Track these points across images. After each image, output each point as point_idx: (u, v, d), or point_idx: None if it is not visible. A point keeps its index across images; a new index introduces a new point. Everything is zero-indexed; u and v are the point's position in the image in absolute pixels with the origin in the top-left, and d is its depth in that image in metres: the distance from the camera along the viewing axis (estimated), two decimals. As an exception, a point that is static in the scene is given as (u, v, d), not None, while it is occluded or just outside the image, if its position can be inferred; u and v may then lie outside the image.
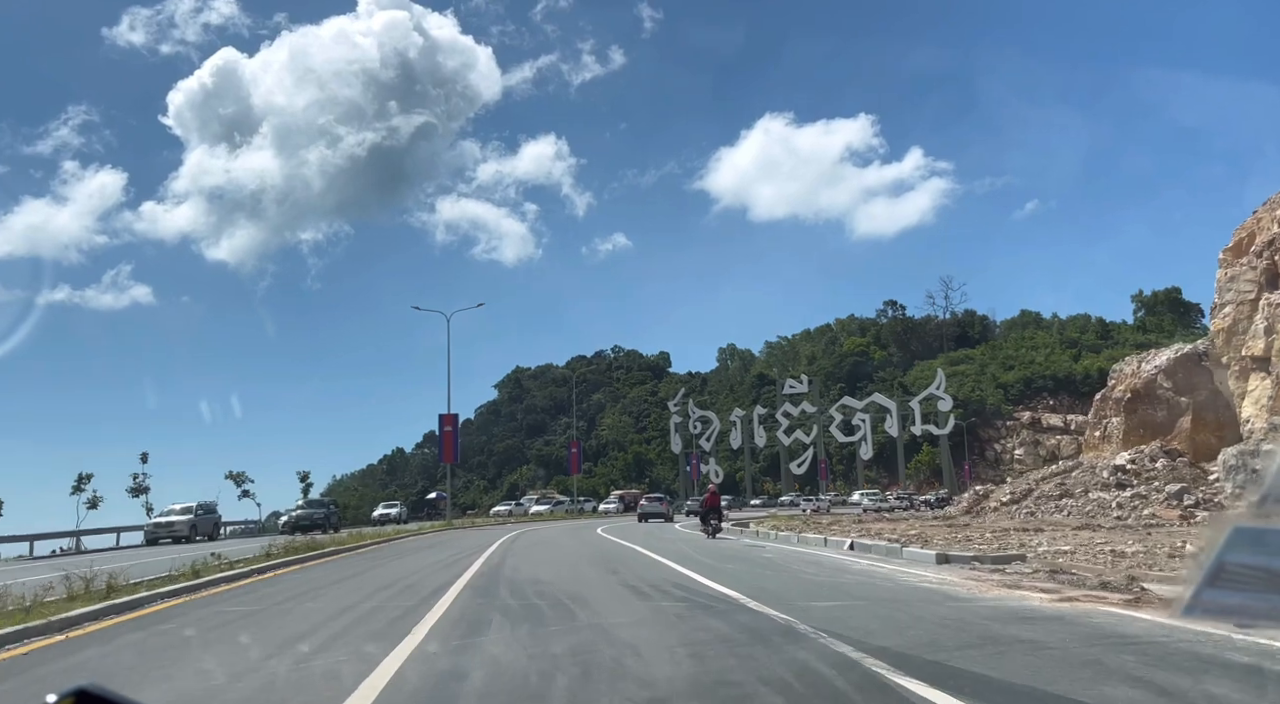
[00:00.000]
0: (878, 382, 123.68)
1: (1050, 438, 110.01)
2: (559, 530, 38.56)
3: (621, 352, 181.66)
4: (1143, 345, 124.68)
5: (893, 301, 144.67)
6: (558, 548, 23.81)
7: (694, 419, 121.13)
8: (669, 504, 61.31)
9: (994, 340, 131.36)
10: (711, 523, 30.93)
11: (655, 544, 23.71)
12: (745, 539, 28.53)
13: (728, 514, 61.39)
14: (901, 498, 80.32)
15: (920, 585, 11.89)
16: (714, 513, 31.39)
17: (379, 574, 16.39)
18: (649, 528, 40.59)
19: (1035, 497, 42.07)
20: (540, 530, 39.64)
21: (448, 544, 27.36)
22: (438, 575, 15.57)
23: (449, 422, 53.87)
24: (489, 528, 43.47)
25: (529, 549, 23.18)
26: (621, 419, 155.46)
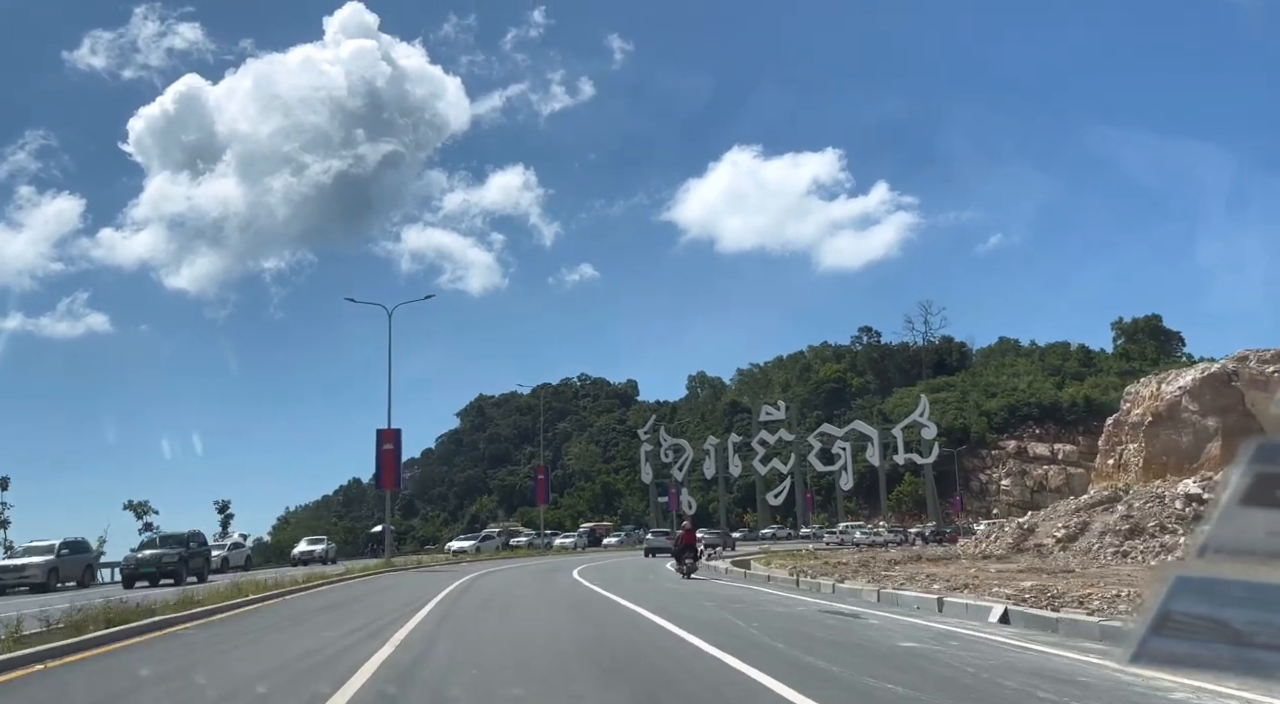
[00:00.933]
0: (856, 409, 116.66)
1: (1037, 467, 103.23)
2: (527, 574, 30.48)
3: (588, 379, 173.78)
4: (1127, 373, 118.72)
5: (868, 328, 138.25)
6: (524, 611, 15.79)
7: (665, 447, 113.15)
8: (724, 537, 55.23)
9: (973, 367, 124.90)
10: (686, 562, 27.39)
11: (670, 606, 15.70)
12: (792, 593, 20.60)
13: (735, 548, 53.49)
14: (895, 531, 72.74)
15: None
16: (689, 551, 27.87)
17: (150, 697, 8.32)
18: (648, 567, 32.52)
19: (1098, 532, 34.53)
20: (501, 573, 31.55)
21: (368, 599, 19.29)
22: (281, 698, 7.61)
23: (389, 438, 42.09)
24: (437, 570, 35.21)
25: (481, 614, 15.16)
26: (589, 448, 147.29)
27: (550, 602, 17.89)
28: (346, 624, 13.36)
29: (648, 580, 25.22)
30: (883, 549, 56.31)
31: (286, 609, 16.98)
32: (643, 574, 28.67)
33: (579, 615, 14.71)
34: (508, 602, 18.16)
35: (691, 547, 28.22)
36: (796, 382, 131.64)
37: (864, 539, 65.66)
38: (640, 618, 13.64)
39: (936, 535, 71.06)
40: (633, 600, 16.82)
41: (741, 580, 28.02)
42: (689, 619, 12.93)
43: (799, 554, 42.44)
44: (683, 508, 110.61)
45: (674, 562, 28.90)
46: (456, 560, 43.28)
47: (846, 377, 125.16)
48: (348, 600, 19.19)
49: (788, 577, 25.86)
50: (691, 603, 16.77)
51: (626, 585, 22.59)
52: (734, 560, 40.50)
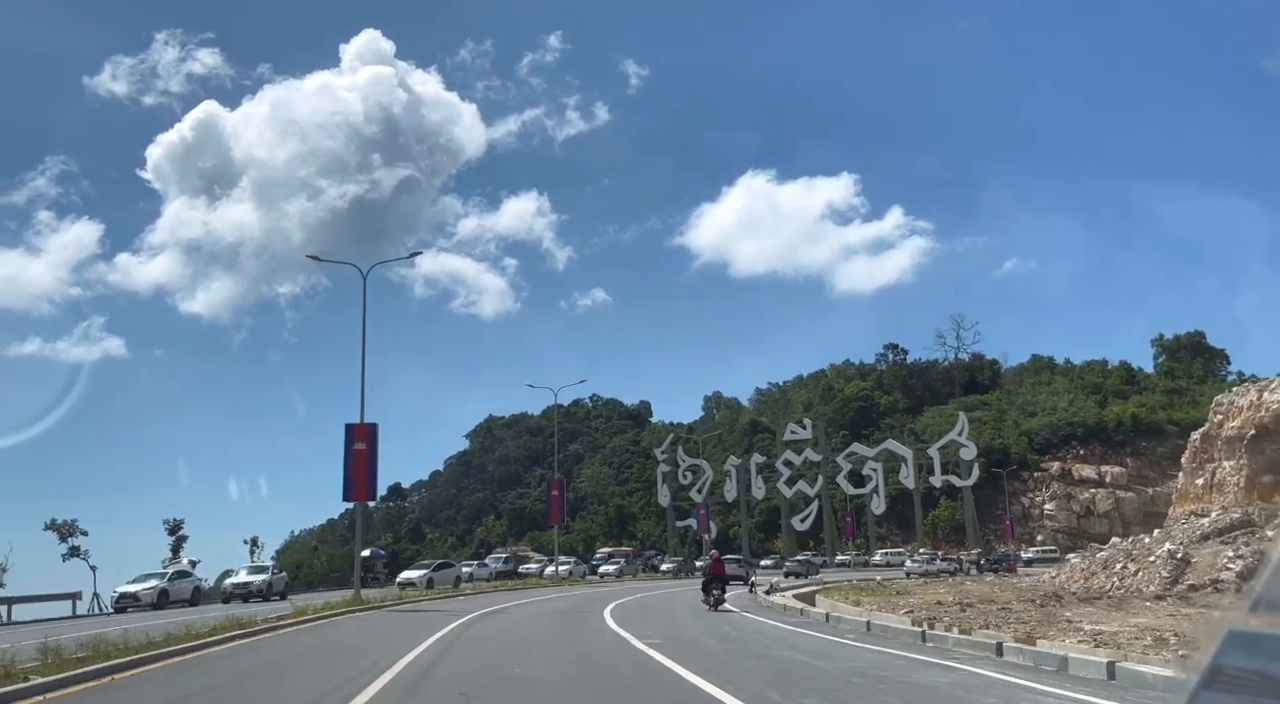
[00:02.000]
0: (885, 429, 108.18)
1: (1083, 491, 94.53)
2: (545, 618, 22.40)
3: (600, 400, 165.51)
4: (1174, 392, 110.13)
5: (893, 345, 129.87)
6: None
7: (684, 468, 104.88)
8: (748, 566, 48.91)
9: (1007, 386, 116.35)
10: (714, 594, 25.37)
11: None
12: (944, 659, 12.56)
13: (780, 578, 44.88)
14: (948, 559, 64.31)
15: None
16: (717, 582, 25.86)
17: None
18: (715, 616, 24.32)
19: (1221, 569, 26.31)
20: (507, 614, 23.51)
21: (248, 685, 11.16)
22: None
23: (360, 435, 29.78)
24: (423, 608, 27.05)
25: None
26: (601, 470, 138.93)
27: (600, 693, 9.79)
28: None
29: (756, 650, 16.82)
30: (948, 580, 48.19)
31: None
32: (715, 627, 20.43)
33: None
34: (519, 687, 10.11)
35: (720, 577, 26.18)
36: (819, 401, 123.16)
37: (916, 568, 57.54)
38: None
39: (993, 564, 62.79)
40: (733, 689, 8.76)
41: (821, 627, 19.97)
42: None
43: (865, 587, 34.31)
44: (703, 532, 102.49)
45: (701, 593, 26.12)
46: (449, 595, 35.06)
47: (874, 395, 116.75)
48: (243, 677, 11.11)
49: (908, 628, 17.78)
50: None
51: (712, 655, 14.27)
52: (795, 593, 32.65)
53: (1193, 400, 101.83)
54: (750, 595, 33.88)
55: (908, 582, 44.49)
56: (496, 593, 37.13)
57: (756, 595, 33.18)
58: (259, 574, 36.21)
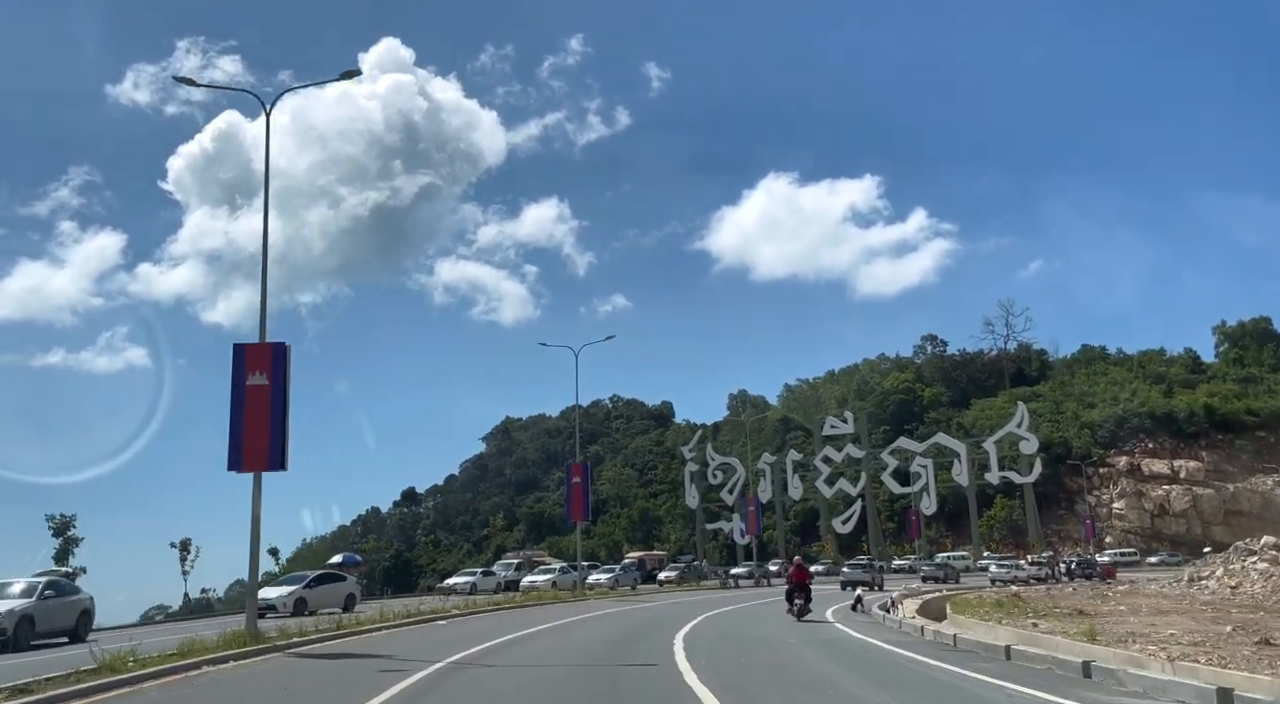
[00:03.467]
0: (929, 423, 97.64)
1: (1155, 487, 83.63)
2: (574, 663, 12.37)
3: (621, 401, 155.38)
4: (1247, 381, 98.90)
5: (932, 337, 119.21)
6: None
7: (713, 467, 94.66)
8: (875, 571, 45.26)
9: (1060, 377, 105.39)
10: (796, 603, 22.45)
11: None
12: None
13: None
14: (1038, 564, 53.77)
15: None
16: (800, 591, 22.73)
17: None
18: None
19: None
20: (497, 669, 13.48)
21: None
22: None
23: (258, 362, 18.43)
24: (345, 650, 16.84)
25: None
26: (624, 472, 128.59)
27: None
28: None
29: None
30: (1059, 589, 38.05)
31: None
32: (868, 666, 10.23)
33: None
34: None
35: (804, 586, 23.21)
36: (854, 396, 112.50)
37: (1002, 575, 47.23)
38: None
39: (1085, 569, 52.35)
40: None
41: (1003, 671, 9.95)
42: None
43: (1018, 606, 24.17)
44: (733, 534, 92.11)
45: (786, 603, 23.59)
46: (427, 619, 24.38)
47: (915, 387, 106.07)
48: None
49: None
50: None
51: None
52: (916, 606, 23.29)
53: (1269, 389, 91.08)
54: (861, 612, 24.45)
55: (1006, 591, 34.21)
56: (491, 615, 26.95)
57: (871, 613, 23.73)
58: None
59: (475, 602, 31.27)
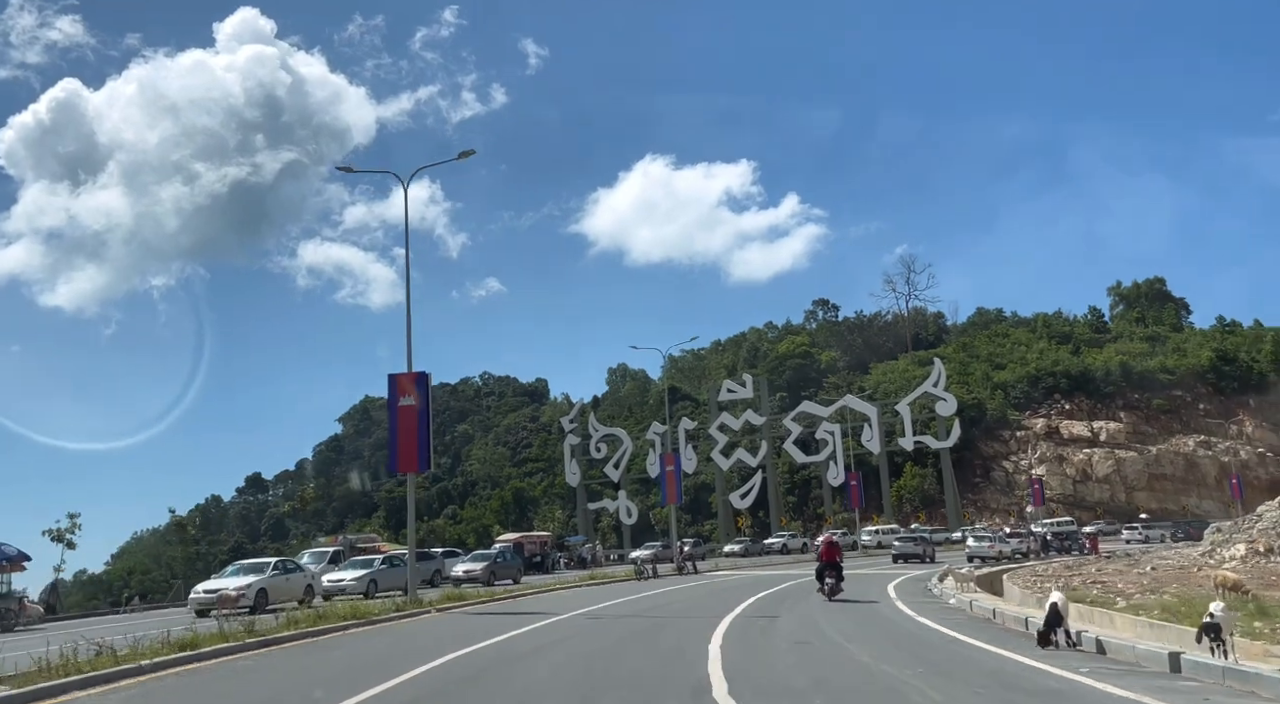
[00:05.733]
0: (829, 389, 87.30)
1: (1076, 452, 75.15)
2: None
3: (492, 378, 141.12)
4: (1153, 339, 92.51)
5: (824, 301, 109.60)
6: None
7: (596, 439, 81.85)
8: (926, 544, 40.64)
9: (962, 339, 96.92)
10: (828, 582, 20.46)
11: None
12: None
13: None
14: (1017, 535, 43.12)
15: None
16: (831, 569, 20.65)
17: None
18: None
19: None
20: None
21: None
22: None
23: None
24: None
25: None
26: (495, 451, 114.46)
27: None
28: None
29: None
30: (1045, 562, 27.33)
31: None
32: None
33: None
34: None
35: (834, 564, 20.75)
36: (744, 365, 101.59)
37: (984, 550, 36.20)
38: None
39: (1066, 541, 42.06)
40: None
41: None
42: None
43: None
44: (620, 513, 79.65)
45: (817, 582, 20.93)
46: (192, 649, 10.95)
47: (812, 352, 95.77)
48: None
49: None
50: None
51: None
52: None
53: (1176, 348, 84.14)
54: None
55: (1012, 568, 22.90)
56: (301, 643, 13.28)
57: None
58: None
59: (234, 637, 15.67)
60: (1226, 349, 79.99)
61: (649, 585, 27.70)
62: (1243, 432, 75.11)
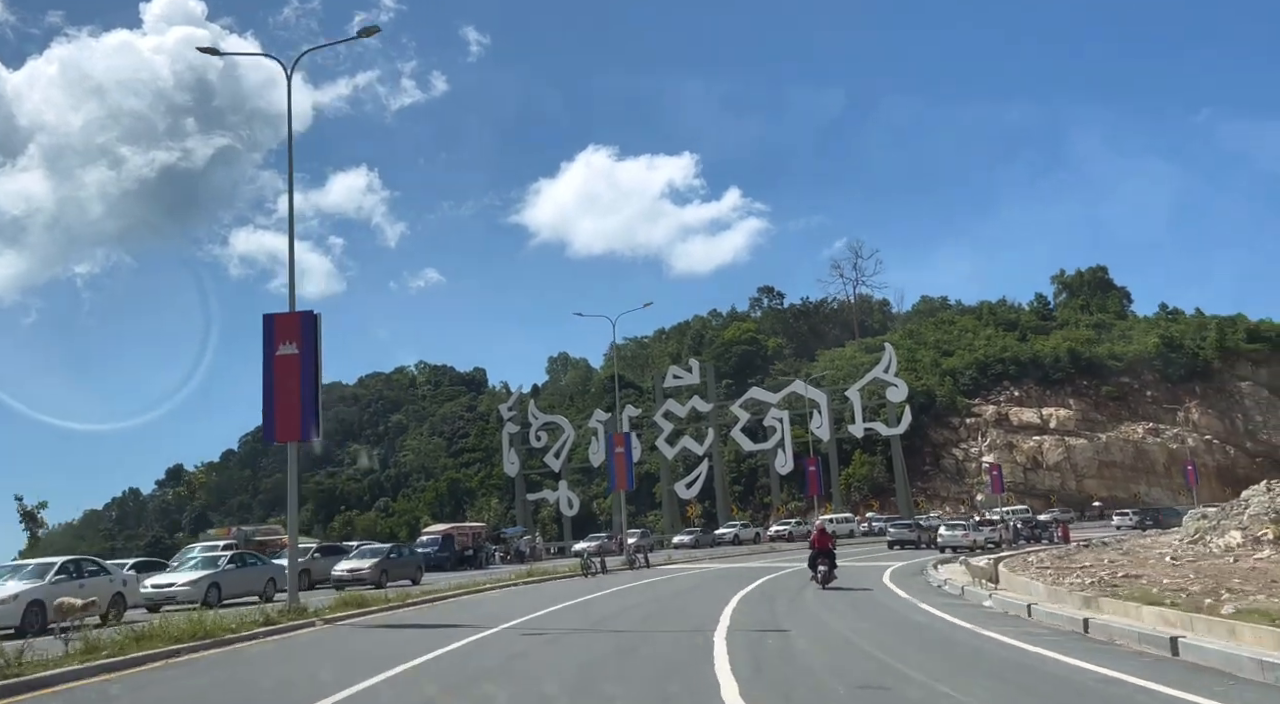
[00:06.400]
0: (775, 375, 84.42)
1: (1026, 438, 73.23)
2: None
3: (428, 366, 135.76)
4: (1099, 327, 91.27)
5: (769, 288, 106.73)
6: None
7: (536, 427, 77.76)
8: (923, 530, 38.71)
9: (909, 326, 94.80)
10: (820, 570, 19.80)
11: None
12: None
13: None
14: (989, 523, 40.20)
15: None
16: (824, 557, 20.00)
17: None
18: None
19: None
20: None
21: None
22: None
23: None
24: None
25: None
26: (430, 441, 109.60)
27: None
28: None
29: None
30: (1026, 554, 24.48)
31: None
32: None
33: None
34: None
35: (827, 551, 20.16)
36: (688, 353, 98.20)
37: (959, 539, 33.23)
38: None
39: (1037, 529, 39.43)
40: None
41: None
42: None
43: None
44: (560, 504, 75.82)
45: (810, 570, 20.32)
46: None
47: (759, 338, 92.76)
48: None
49: None
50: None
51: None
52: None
53: (1122, 334, 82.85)
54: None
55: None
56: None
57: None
58: None
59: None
60: (1172, 336, 78.79)
61: (598, 583, 24.01)
62: (1189, 419, 73.89)
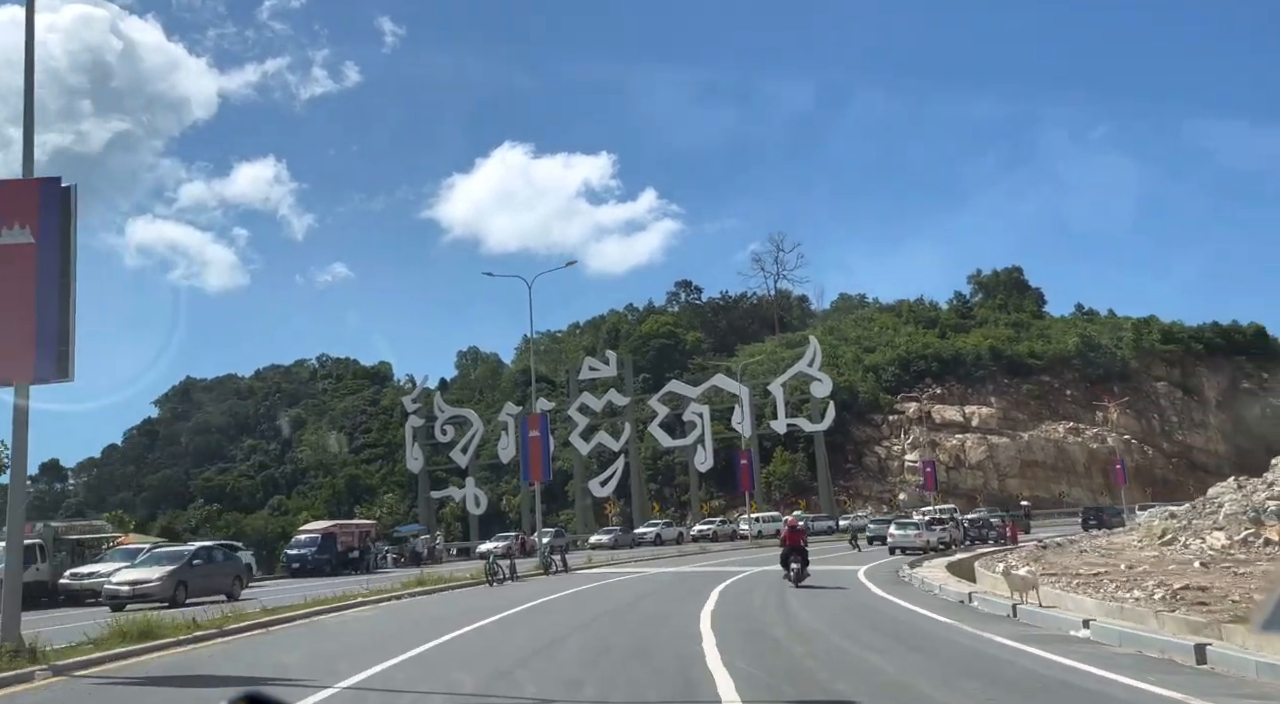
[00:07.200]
0: (694, 370, 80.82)
1: (949, 437, 71.14)
2: None
3: (330, 360, 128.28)
4: (1017, 326, 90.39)
5: (687, 282, 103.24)
6: None
7: (442, 421, 72.51)
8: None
9: (829, 322, 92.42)
10: (793, 568, 19.69)
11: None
12: None
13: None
14: (938, 522, 36.90)
15: None
16: (796, 553, 19.92)
17: None
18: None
19: None
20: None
21: None
22: None
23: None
24: None
25: None
26: (330, 436, 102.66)
27: None
28: None
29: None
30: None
31: None
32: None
33: None
34: None
35: (799, 548, 20.07)
36: (604, 348, 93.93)
37: (906, 539, 29.75)
38: None
39: (983, 529, 36.33)
40: None
41: None
42: None
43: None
44: (467, 502, 70.77)
45: (782, 568, 20.23)
46: None
47: (677, 332, 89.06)
48: None
49: None
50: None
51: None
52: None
53: (1040, 333, 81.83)
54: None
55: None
56: None
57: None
58: None
59: None
60: (1091, 336, 78.02)
61: (507, 595, 19.52)
62: (1108, 419, 72.90)
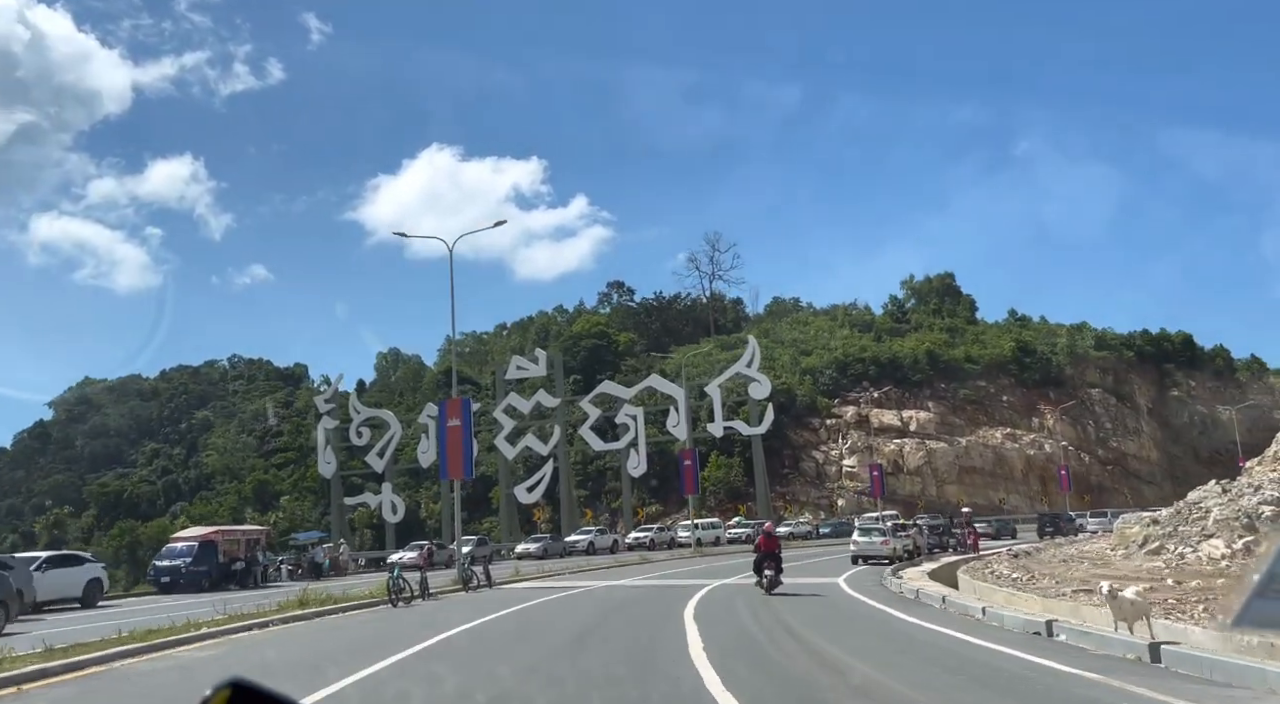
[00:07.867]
0: (627, 371, 77.35)
1: (887, 442, 68.77)
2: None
3: (241, 360, 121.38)
4: (952, 331, 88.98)
5: (619, 283, 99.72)
6: None
7: (358, 423, 67.43)
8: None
9: (764, 324, 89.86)
10: (766, 574, 18.96)
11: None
12: None
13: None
14: (901, 528, 33.74)
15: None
16: (770, 560, 19.20)
17: None
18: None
19: None
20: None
21: None
22: None
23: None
24: None
25: None
26: (239, 439, 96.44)
27: None
28: None
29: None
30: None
31: None
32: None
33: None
34: None
35: (773, 554, 19.38)
36: (533, 347, 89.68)
37: (874, 546, 26.62)
38: None
39: (941, 537, 33.58)
40: None
41: None
42: None
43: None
44: (385, 509, 65.86)
45: (755, 574, 19.56)
46: None
47: (609, 332, 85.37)
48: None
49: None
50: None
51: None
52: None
53: (975, 338, 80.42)
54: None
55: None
56: None
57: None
58: None
59: None
60: (1026, 341, 76.85)
61: (412, 624, 15.40)
62: (1044, 425, 71.59)
